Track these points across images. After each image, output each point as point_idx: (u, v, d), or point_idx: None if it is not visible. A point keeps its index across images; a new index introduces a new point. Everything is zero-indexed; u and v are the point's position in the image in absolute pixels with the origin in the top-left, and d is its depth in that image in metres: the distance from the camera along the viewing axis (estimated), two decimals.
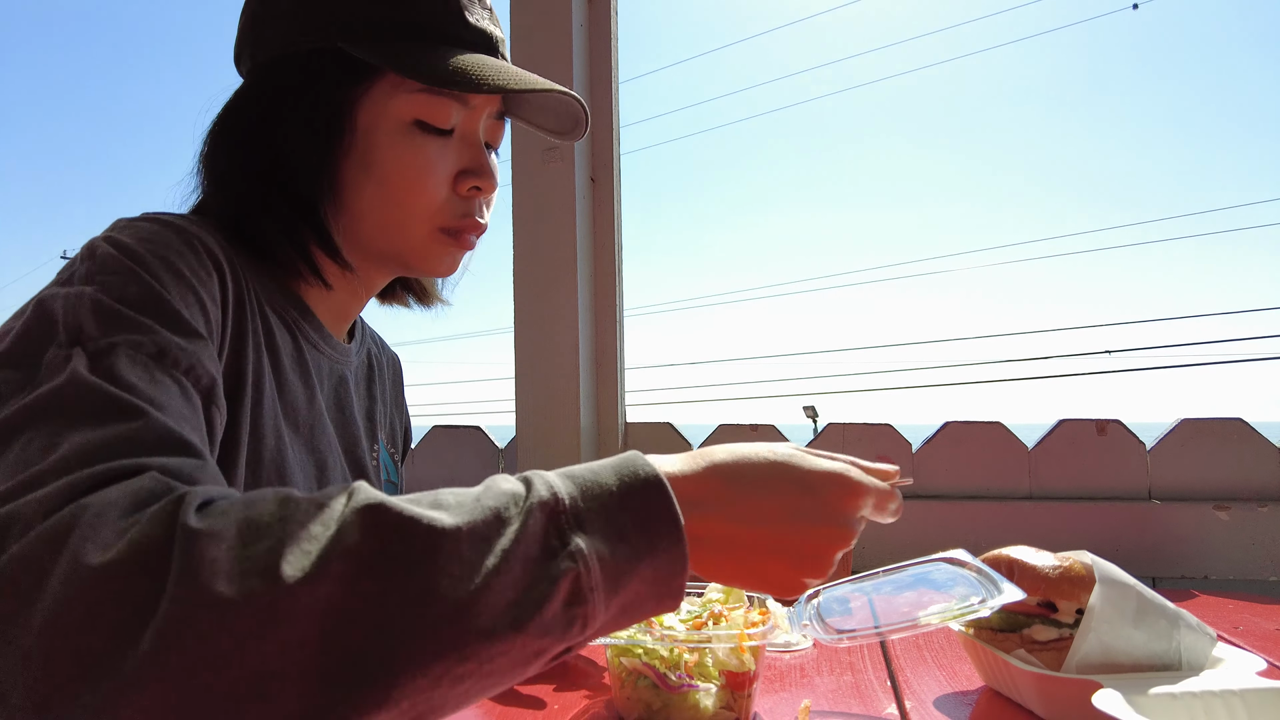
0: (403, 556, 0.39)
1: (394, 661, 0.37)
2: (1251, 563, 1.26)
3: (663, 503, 0.45)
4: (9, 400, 0.44)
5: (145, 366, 0.48)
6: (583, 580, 0.42)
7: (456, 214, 0.70)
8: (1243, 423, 1.32)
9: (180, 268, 0.55)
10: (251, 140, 0.66)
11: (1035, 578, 0.71)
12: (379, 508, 0.40)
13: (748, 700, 0.66)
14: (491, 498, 0.43)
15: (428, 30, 0.67)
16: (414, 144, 0.67)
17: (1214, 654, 0.69)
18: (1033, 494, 1.35)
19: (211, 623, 0.35)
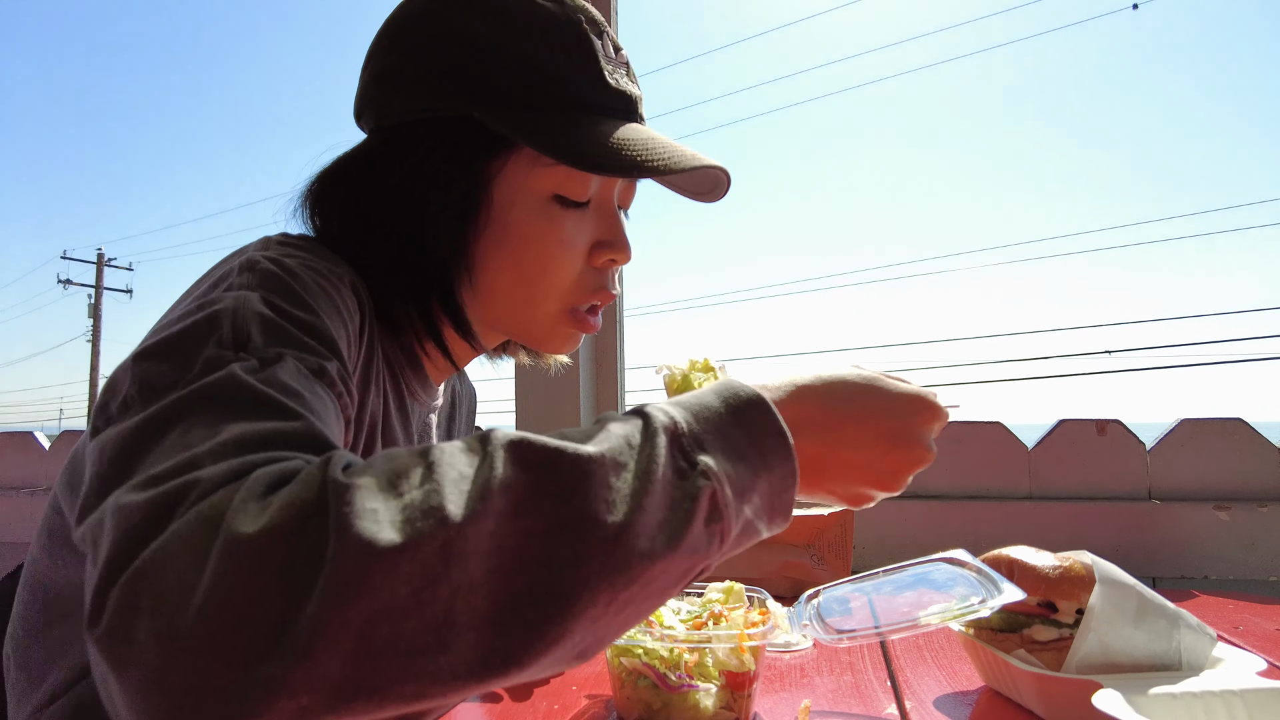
0: (556, 486, 0.38)
1: (564, 594, 0.37)
2: (1251, 563, 1.26)
3: (770, 420, 0.47)
4: (163, 390, 0.43)
5: (308, 379, 0.47)
6: (719, 496, 0.42)
7: (589, 288, 0.68)
8: (1243, 423, 1.32)
9: (335, 299, 0.55)
10: (384, 207, 0.63)
11: (1035, 578, 0.71)
12: (523, 442, 0.39)
13: (748, 700, 0.66)
14: (616, 427, 0.43)
15: (568, 98, 0.63)
16: (552, 219, 0.64)
17: (1214, 654, 0.69)
18: (1033, 494, 1.35)
19: (383, 574, 0.33)
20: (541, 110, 0.62)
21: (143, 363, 0.45)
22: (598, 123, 0.63)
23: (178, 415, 0.41)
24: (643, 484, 0.40)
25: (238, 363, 0.44)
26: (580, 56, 0.63)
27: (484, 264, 0.65)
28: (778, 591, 1.11)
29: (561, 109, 0.62)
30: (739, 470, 0.44)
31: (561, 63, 0.63)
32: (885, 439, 0.54)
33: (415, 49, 0.64)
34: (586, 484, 0.38)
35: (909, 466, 0.56)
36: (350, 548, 0.33)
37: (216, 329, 0.46)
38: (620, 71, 0.67)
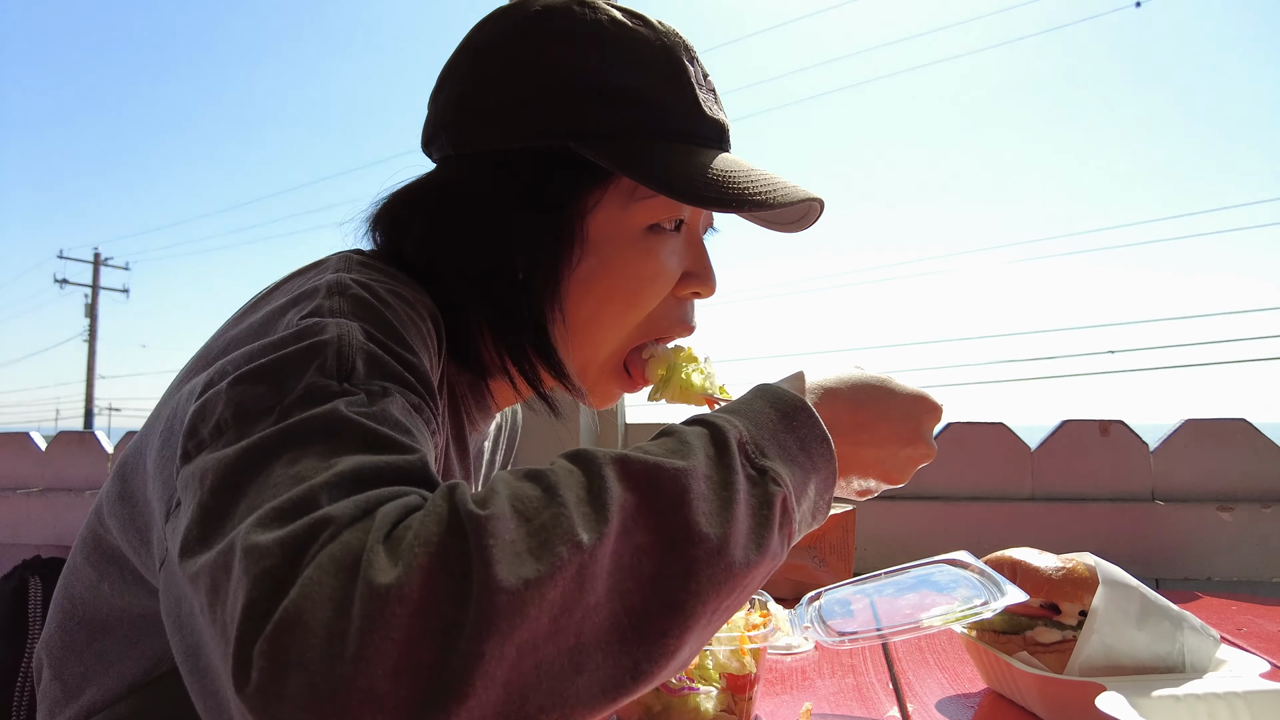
0: (660, 502, 0.39)
1: (679, 606, 0.38)
2: (1255, 564, 1.25)
3: (816, 425, 0.49)
4: (261, 416, 0.42)
5: (410, 414, 0.47)
6: (788, 500, 0.45)
7: (669, 320, 0.67)
8: (1247, 423, 1.31)
9: (421, 331, 0.54)
10: (472, 241, 0.61)
11: (1038, 579, 0.71)
12: (625, 460, 0.40)
13: (749, 703, 0.66)
14: (691, 438, 0.44)
15: (667, 129, 0.61)
16: (650, 250, 0.63)
17: (1217, 656, 0.69)
18: (1035, 495, 1.35)
19: (534, 603, 0.33)
20: (640, 142, 0.60)
21: (239, 387, 0.43)
22: (696, 153, 0.61)
23: (282, 445, 0.40)
24: (730, 494, 0.41)
25: (344, 396, 0.43)
26: (676, 85, 0.61)
27: (574, 297, 0.63)
28: (779, 594, 1.11)
29: (660, 140, 0.60)
30: (794, 474, 0.46)
31: (659, 92, 0.61)
32: (899, 437, 0.57)
33: (503, 78, 0.61)
34: (686, 498, 0.40)
35: (916, 462, 0.59)
36: (498, 581, 0.33)
37: (319, 357, 0.45)
38: (710, 98, 0.65)
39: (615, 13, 0.62)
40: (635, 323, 0.65)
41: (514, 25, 0.62)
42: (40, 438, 1.75)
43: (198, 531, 0.38)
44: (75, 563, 0.60)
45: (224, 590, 0.35)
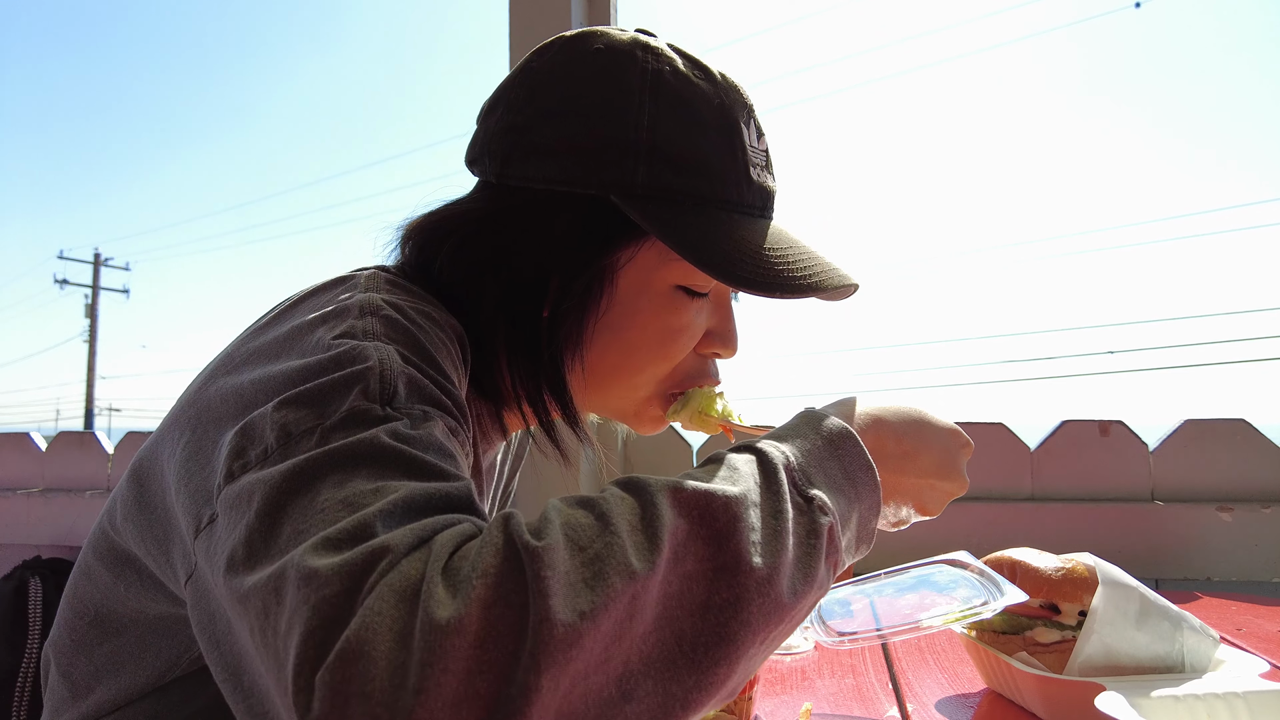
0: (711, 530, 0.39)
1: (729, 636, 0.38)
2: (1255, 564, 1.25)
3: (860, 453, 0.50)
4: (304, 438, 0.42)
5: (450, 439, 0.47)
6: (835, 530, 0.44)
7: (689, 375, 0.67)
8: (1246, 424, 1.31)
9: (452, 354, 0.54)
10: (503, 276, 0.61)
11: (1038, 580, 0.71)
12: (677, 487, 0.40)
13: (748, 703, 0.66)
14: (739, 465, 0.44)
15: (712, 197, 0.60)
16: (676, 309, 0.63)
17: (1217, 656, 0.69)
18: (1035, 495, 1.35)
19: (590, 633, 0.34)
20: (681, 206, 0.59)
21: (283, 411, 0.43)
22: (739, 225, 0.60)
23: (329, 467, 0.40)
24: (779, 523, 0.42)
25: (388, 421, 0.43)
26: (728, 150, 0.61)
27: (595, 346, 0.63)
28: None
29: (702, 207, 0.60)
30: (839, 503, 0.46)
31: (709, 157, 0.60)
32: (937, 469, 0.58)
33: (555, 117, 0.60)
34: (737, 527, 0.40)
35: (950, 495, 0.60)
36: (555, 613, 0.33)
37: (361, 381, 0.45)
38: (761, 162, 0.64)
39: (678, 62, 0.61)
40: (657, 374, 0.65)
41: (574, 61, 0.61)
42: (40, 438, 1.75)
43: (244, 552, 0.38)
44: (87, 563, 0.59)
45: (275, 614, 0.35)
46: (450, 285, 0.61)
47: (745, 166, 0.61)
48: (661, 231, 0.57)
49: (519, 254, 0.60)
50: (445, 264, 0.62)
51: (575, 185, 0.59)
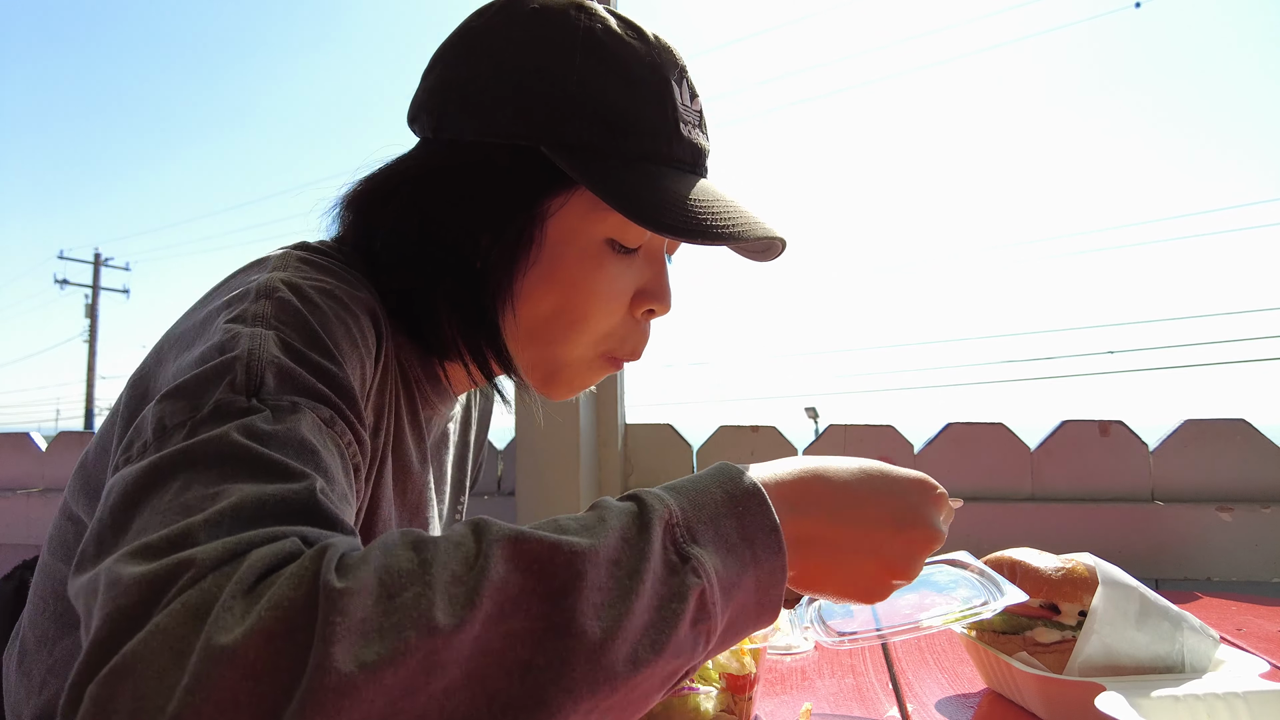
0: (548, 587, 0.37)
1: (545, 702, 0.36)
2: (1254, 564, 1.26)
3: (764, 512, 0.46)
4: (172, 433, 0.42)
5: (319, 431, 0.46)
6: (707, 595, 0.41)
7: (624, 340, 0.67)
8: (1246, 424, 1.31)
9: (353, 330, 0.53)
10: (434, 228, 0.62)
11: (1038, 580, 0.71)
12: (519, 539, 0.38)
13: (748, 703, 0.66)
14: (611, 517, 0.41)
15: (640, 149, 0.61)
16: (602, 263, 0.63)
17: (1216, 656, 0.69)
18: (1035, 495, 1.35)
19: (366, 685, 0.32)
20: (610, 158, 0.60)
21: (163, 403, 0.44)
22: (665, 177, 0.61)
23: (178, 467, 0.40)
24: (633, 583, 0.39)
25: (250, 414, 0.43)
26: (658, 106, 0.62)
27: (528, 298, 0.63)
28: None
29: (631, 160, 0.61)
30: (728, 565, 0.43)
31: (639, 111, 0.61)
32: (894, 518, 0.52)
33: (489, 73, 0.62)
34: (578, 585, 0.37)
35: (920, 548, 0.53)
36: (333, 661, 0.32)
37: (230, 372, 0.45)
38: (694, 121, 0.65)
39: (611, 22, 0.62)
40: (591, 331, 0.65)
41: (510, 20, 0.63)
42: (40, 438, 1.75)
43: (90, 551, 0.38)
44: (44, 559, 0.60)
45: (86, 619, 0.35)
46: (388, 245, 0.62)
47: (675, 122, 0.62)
48: (589, 180, 0.59)
49: (452, 206, 0.62)
50: (383, 224, 0.63)
51: (506, 137, 0.60)
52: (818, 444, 1.44)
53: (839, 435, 1.43)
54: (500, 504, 1.50)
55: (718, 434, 1.48)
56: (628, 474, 1.52)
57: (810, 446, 1.45)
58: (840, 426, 1.43)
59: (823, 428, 1.46)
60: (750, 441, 1.46)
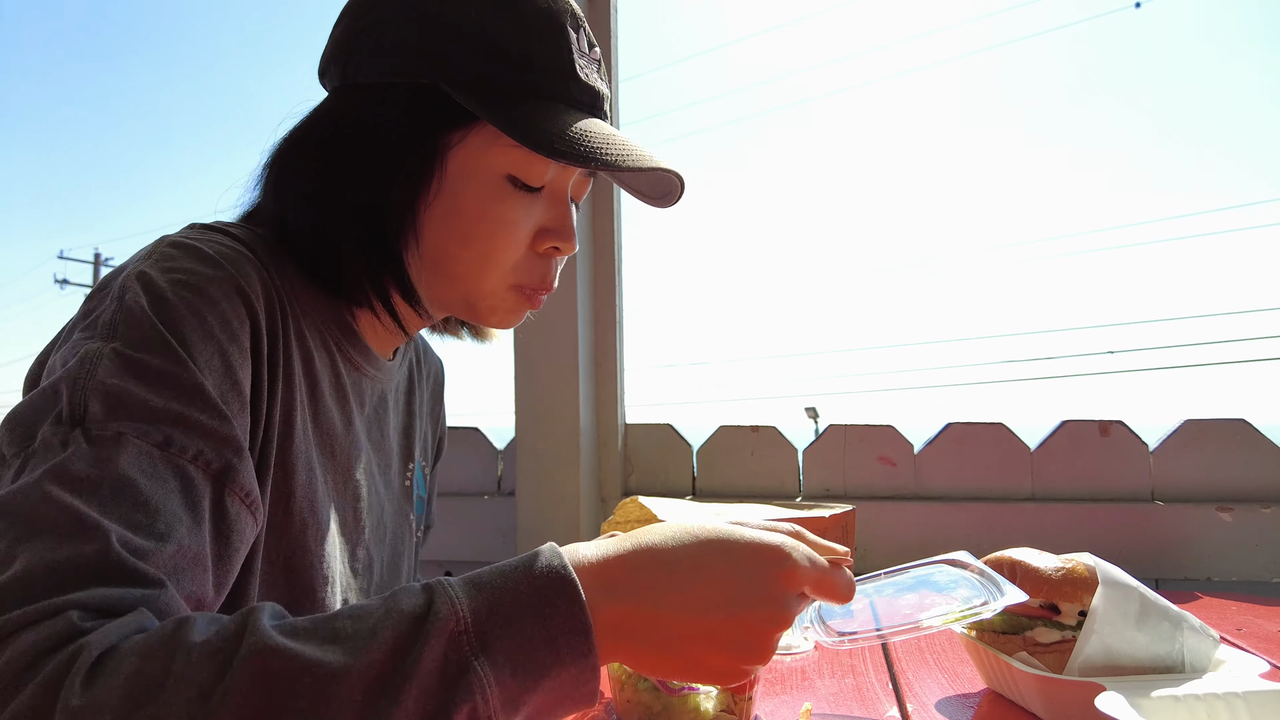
0: (291, 707, 0.38)
1: None
2: (1255, 564, 1.26)
3: (573, 611, 0.44)
4: (5, 470, 0.44)
5: (149, 458, 0.46)
6: (479, 710, 0.41)
7: (531, 274, 0.68)
8: (1246, 424, 1.31)
9: (211, 322, 0.53)
10: (338, 166, 0.63)
11: (1037, 580, 0.71)
12: (271, 652, 0.38)
13: (748, 703, 0.66)
14: (391, 624, 0.41)
15: (537, 86, 0.64)
16: (503, 198, 0.65)
17: (1217, 656, 0.69)
18: (1035, 495, 1.35)
19: None
20: (509, 94, 0.63)
21: (4, 428, 0.46)
22: (562, 112, 0.63)
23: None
24: (388, 704, 0.39)
25: (64, 451, 0.44)
26: (555, 46, 0.64)
27: (431, 232, 0.65)
28: None
29: (529, 96, 0.63)
30: (520, 672, 0.42)
31: (536, 51, 0.63)
32: (727, 601, 0.47)
33: (392, 15, 0.64)
34: (325, 707, 0.38)
35: (764, 629, 0.48)
36: None
37: (58, 401, 0.46)
38: (592, 68, 0.67)
39: None
40: (495, 265, 0.66)
41: None
42: None
43: None
44: None
45: None
46: (299, 195, 0.64)
47: (572, 64, 0.65)
48: (487, 112, 0.61)
49: (355, 147, 0.63)
50: (295, 175, 0.65)
51: (408, 77, 0.63)
52: (818, 444, 1.44)
53: (839, 435, 1.43)
54: (500, 504, 1.50)
55: (718, 434, 1.48)
56: (628, 474, 1.52)
57: (810, 446, 1.45)
58: (840, 426, 1.43)
59: (823, 428, 1.46)
60: (750, 441, 1.46)
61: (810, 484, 1.43)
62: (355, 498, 0.69)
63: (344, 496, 0.68)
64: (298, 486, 0.61)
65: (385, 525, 0.75)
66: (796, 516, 1.17)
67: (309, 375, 0.64)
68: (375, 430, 0.75)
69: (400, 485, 0.79)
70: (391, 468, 0.78)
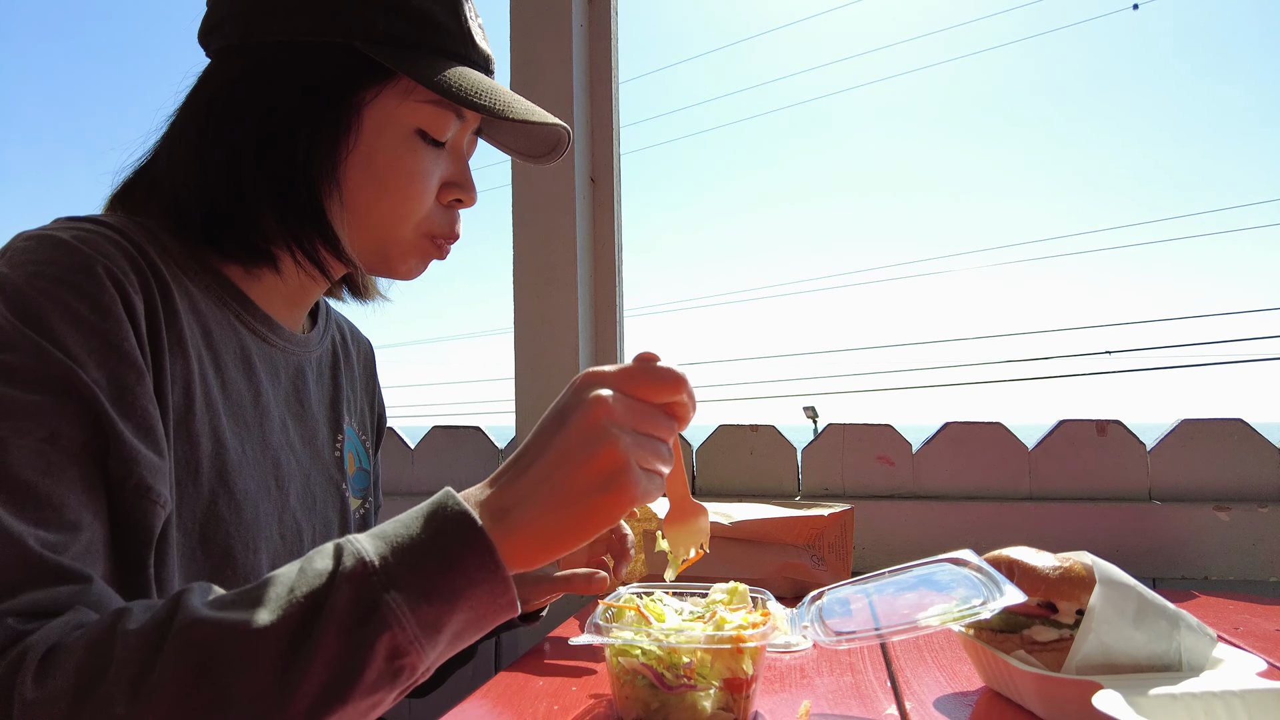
0: (224, 666, 0.43)
1: None
2: (1252, 563, 1.26)
3: (470, 535, 0.48)
4: None
5: (38, 455, 0.48)
6: (399, 637, 0.45)
7: (441, 224, 0.73)
8: (1243, 423, 1.32)
9: (76, 307, 0.53)
10: (253, 128, 0.65)
11: (1035, 578, 0.71)
12: (198, 624, 0.43)
13: (747, 701, 0.66)
14: (305, 581, 0.46)
15: (441, 47, 0.68)
16: (414, 151, 0.69)
17: (1214, 655, 0.69)
18: (1033, 494, 1.35)
19: None
20: (418, 51, 0.67)
21: None
22: (467, 71, 0.68)
23: None
24: (311, 648, 0.43)
25: None
26: (454, 13, 0.69)
27: (350, 183, 0.68)
28: (778, 592, 1.11)
29: (435, 55, 0.68)
30: (435, 599, 0.46)
31: (436, 14, 0.68)
32: (554, 429, 0.51)
33: None
34: (254, 659, 0.43)
35: (590, 418, 0.50)
36: None
37: None
38: (479, 33, 0.73)
39: None
40: (408, 215, 0.70)
41: None
42: None
43: None
44: None
45: None
46: (212, 161, 0.65)
47: (469, 30, 0.70)
48: (407, 68, 0.65)
49: (270, 105, 0.65)
50: (205, 138, 0.66)
51: (320, 35, 0.65)
52: (817, 443, 1.44)
53: (838, 434, 1.43)
54: None
55: (717, 433, 1.48)
56: None
57: (809, 446, 1.45)
58: (839, 426, 1.43)
59: (822, 427, 1.47)
60: (750, 441, 1.46)
61: (809, 483, 1.43)
62: (275, 465, 0.70)
63: (262, 465, 0.69)
64: (203, 456, 0.62)
65: (313, 494, 0.76)
66: (795, 515, 1.17)
67: (210, 347, 0.65)
68: (294, 401, 0.76)
69: (330, 456, 0.81)
70: (318, 438, 0.79)
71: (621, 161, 1.60)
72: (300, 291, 0.76)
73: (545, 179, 1.47)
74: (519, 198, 1.48)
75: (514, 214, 1.49)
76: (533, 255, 1.48)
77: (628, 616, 0.70)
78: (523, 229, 1.48)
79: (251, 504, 0.66)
